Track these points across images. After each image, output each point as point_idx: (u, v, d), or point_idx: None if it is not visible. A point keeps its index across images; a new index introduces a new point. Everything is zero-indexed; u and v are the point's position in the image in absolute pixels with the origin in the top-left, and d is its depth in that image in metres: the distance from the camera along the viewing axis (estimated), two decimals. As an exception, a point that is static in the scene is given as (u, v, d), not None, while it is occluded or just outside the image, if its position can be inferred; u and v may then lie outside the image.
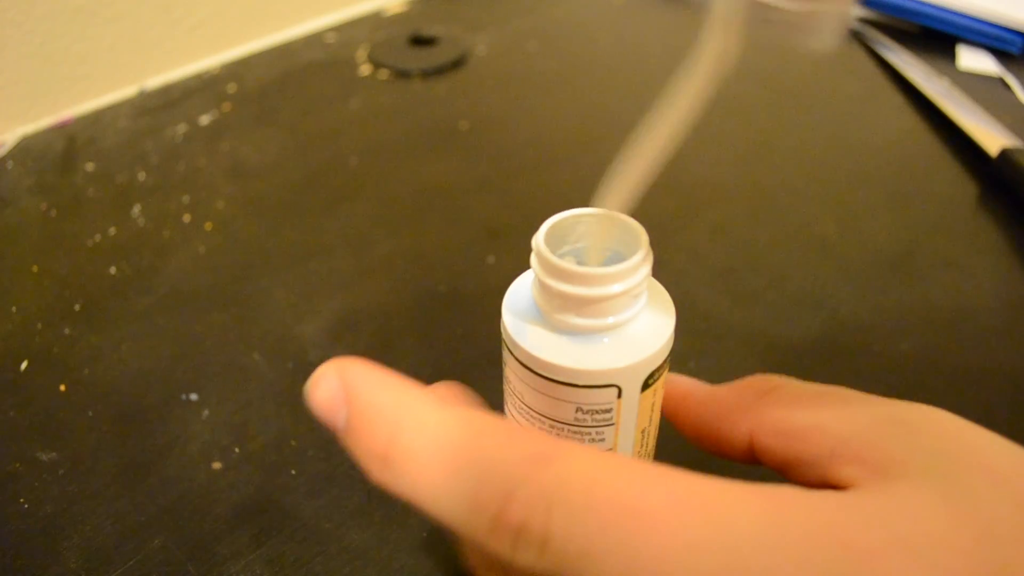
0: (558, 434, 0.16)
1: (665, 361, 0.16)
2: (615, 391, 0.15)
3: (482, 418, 0.14)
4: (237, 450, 0.28)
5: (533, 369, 0.16)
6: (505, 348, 0.16)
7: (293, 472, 0.27)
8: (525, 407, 0.17)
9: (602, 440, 0.16)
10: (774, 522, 0.11)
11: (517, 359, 0.16)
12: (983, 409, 0.27)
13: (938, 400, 0.29)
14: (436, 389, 0.18)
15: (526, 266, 0.16)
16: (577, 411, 0.16)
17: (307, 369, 0.31)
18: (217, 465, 0.28)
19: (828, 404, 0.15)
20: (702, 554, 0.11)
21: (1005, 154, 0.39)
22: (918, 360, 0.30)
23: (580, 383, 0.15)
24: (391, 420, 0.14)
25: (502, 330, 0.16)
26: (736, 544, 0.11)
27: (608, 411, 0.16)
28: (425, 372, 0.31)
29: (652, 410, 0.17)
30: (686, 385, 0.18)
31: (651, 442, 0.18)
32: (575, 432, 0.16)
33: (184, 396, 0.30)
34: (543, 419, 0.16)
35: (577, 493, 0.12)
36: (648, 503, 0.12)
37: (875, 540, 0.11)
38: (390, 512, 0.26)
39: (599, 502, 0.12)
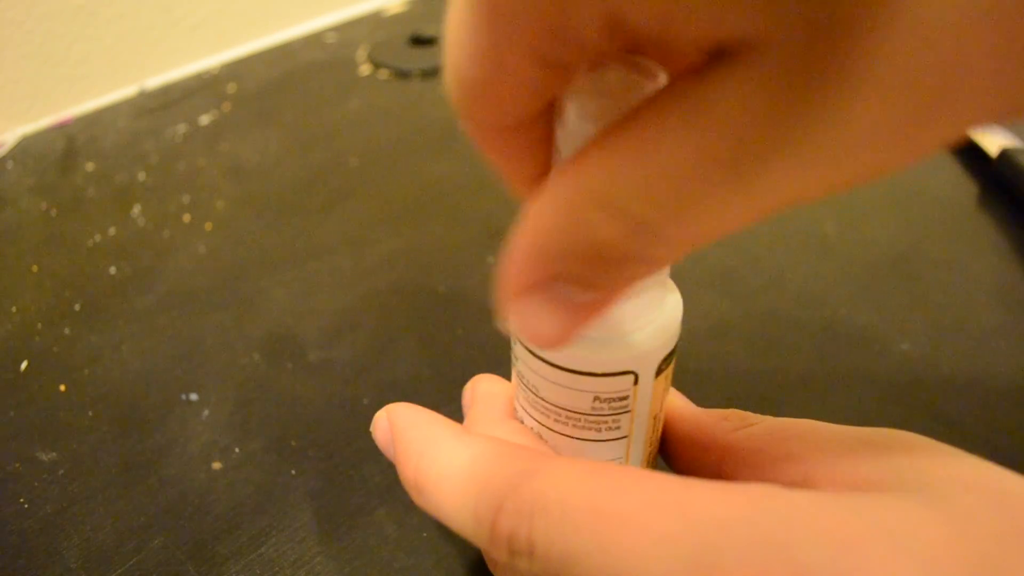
0: (575, 425, 0.17)
1: (677, 345, 0.16)
2: (632, 378, 0.15)
3: (483, 443, 0.15)
4: (237, 450, 0.28)
5: (550, 361, 0.16)
6: (518, 343, 0.16)
7: (293, 472, 0.27)
8: (540, 401, 0.17)
9: (617, 427, 0.16)
10: (749, 512, 0.11)
11: (532, 352, 0.16)
12: (983, 409, 0.27)
13: (938, 400, 0.30)
14: (475, 387, 0.20)
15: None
16: (595, 400, 0.16)
17: (307, 369, 0.31)
18: (217, 465, 0.28)
19: (797, 434, 0.15)
20: (675, 545, 0.11)
21: (1005, 154, 0.39)
22: (918, 360, 0.30)
23: (599, 371, 0.15)
24: (417, 452, 0.16)
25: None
26: (709, 533, 0.11)
27: (624, 398, 0.16)
28: (425, 372, 0.31)
29: (663, 395, 0.17)
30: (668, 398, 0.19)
31: (660, 427, 0.18)
32: (592, 421, 0.16)
33: (184, 396, 0.30)
34: (559, 411, 0.16)
35: (554, 502, 0.13)
36: (620, 505, 0.12)
37: (855, 528, 0.11)
38: (390, 512, 0.26)
39: (574, 509, 0.13)
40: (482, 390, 0.20)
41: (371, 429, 0.18)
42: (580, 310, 0.12)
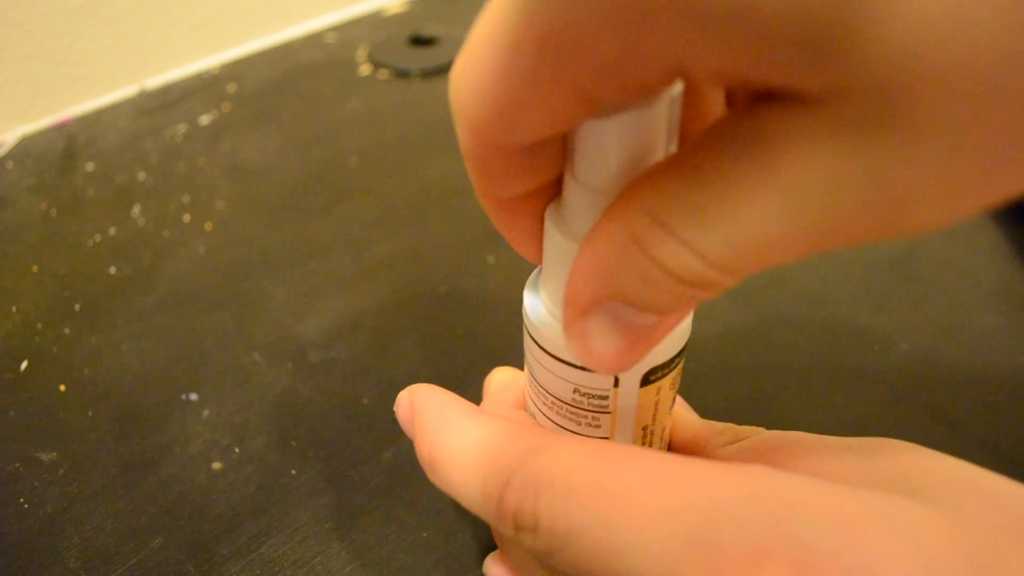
0: (558, 412, 0.17)
1: (672, 360, 0.16)
2: (611, 379, 0.15)
3: (494, 422, 0.16)
4: (237, 450, 0.28)
5: (539, 344, 0.16)
6: (524, 325, 0.17)
7: (293, 472, 0.27)
8: (535, 382, 0.17)
9: (598, 427, 0.16)
10: (749, 491, 0.12)
11: (529, 333, 0.16)
12: (983, 409, 0.27)
13: (938, 400, 0.30)
14: (491, 378, 0.21)
15: (526, 266, 0.16)
16: (575, 392, 0.16)
17: (307, 369, 0.31)
18: (217, 465, 0.28)
19: (785, 445, 0.15)
20: (673, 521, 0.12)
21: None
22: (918, 360, 0.30)
23: (577, 363, 0.15)
24: (433, 431, 0.16)
25: (523, 308, 0.17)
26: (708, 510, 0.11)
27: (604, 398, 0.16)
28: (425, 372, 0.31)
29: (656, 408, 0.17)
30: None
31: (655, 442, 0.18)
32: (572, 413, 0.17)
33: (184, 396, 0.30)
34: (547, 395, 0.17)
35: (559, 479, 0.13)
36: (622, 482, 0.12)
37: (853, 510, 0.11)
38: (390, 512, 0.26)
39: (578, 485, 0.13)
40: (496, 380, 0.20)
41: (394, 408, 0.18)
42: (638, 332, 0.12)
